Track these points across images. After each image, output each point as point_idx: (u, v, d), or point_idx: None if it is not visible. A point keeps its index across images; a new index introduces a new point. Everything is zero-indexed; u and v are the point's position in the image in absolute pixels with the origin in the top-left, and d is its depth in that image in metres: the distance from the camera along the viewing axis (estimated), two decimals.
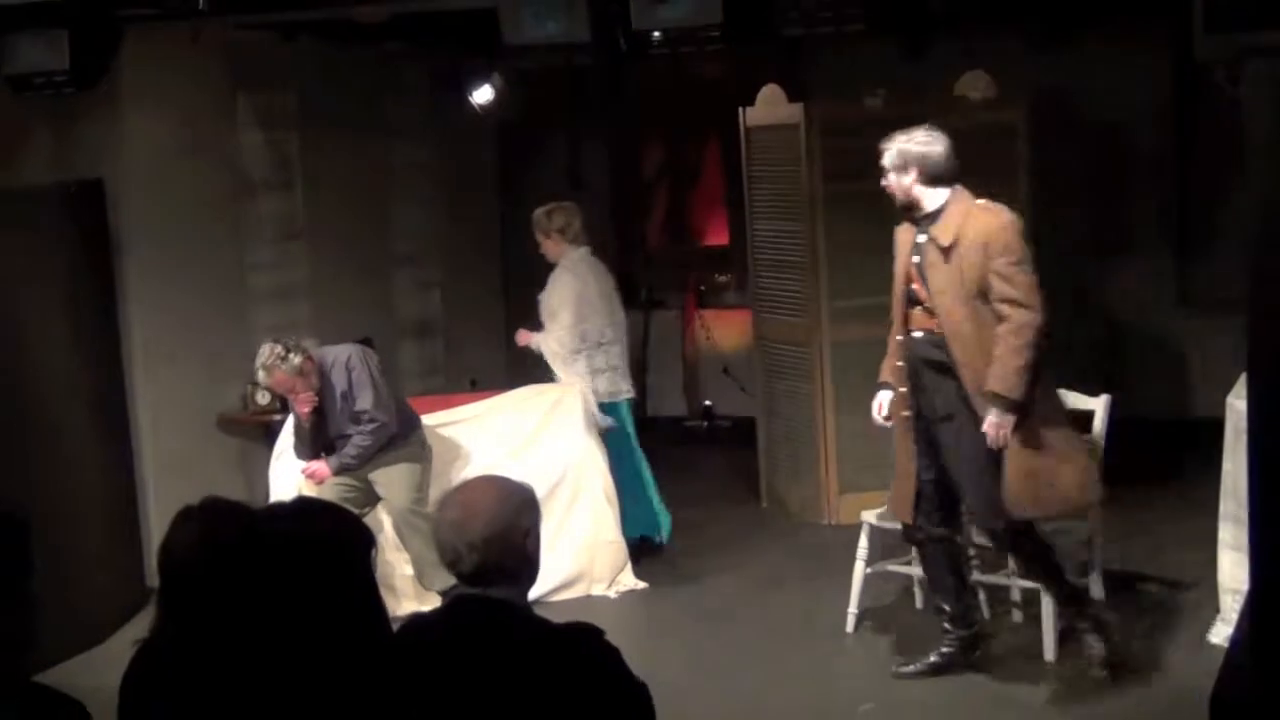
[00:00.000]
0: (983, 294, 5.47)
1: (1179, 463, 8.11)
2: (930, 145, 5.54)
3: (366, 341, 7.38)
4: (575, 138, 10.98)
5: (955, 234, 5.51)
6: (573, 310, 7.46)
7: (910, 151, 5.54)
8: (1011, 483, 5.49)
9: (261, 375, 6.60)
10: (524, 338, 7.73)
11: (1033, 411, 5.47)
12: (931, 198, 5.56)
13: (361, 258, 9.19)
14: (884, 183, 5.62)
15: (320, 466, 6.78)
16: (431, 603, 6.45)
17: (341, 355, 6.71)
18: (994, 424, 5.44)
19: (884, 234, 8.14)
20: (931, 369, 5.67)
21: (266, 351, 6.51)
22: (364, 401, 6.65)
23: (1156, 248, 9.54)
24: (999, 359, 5.42)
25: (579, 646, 3.06)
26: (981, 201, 5.58)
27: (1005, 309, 5.42)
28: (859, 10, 5.59)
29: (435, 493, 6.58)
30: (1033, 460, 5.49)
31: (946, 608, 5.91)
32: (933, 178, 5.53)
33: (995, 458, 5.50)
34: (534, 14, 5.99)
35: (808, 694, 5.94)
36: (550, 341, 7.52)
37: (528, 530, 3.15)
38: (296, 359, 6.49)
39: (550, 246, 7.61)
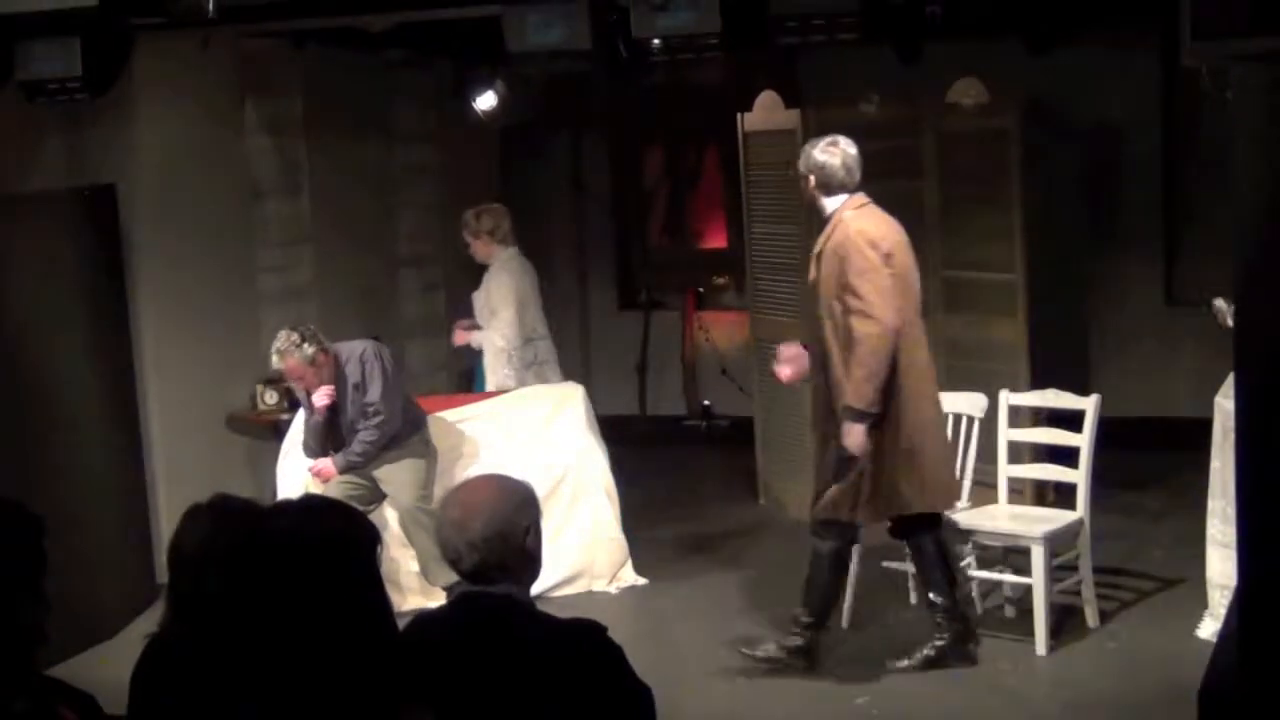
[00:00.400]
0: (843, 302, 5.64)
1: (1167, 461, 8.15)
2: (829, 155, 5.73)
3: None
4: (577, 142, 11.07)
5: (822, 243, 5.73)
6: (514, 306, 7.66)
7: (812, 159, 5.76)
8: (886, 484, 5.71)
9: (275, 359, 6.68)
10: (461, 337, 7.89)
11: (889, 419, 5.65)
12: (827, 205, 5.77)
13: (367, 260, 9.27)
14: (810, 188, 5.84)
15: (326, 465, 6.89)
16: (437, 598, 6.54)
17: (358, 349, 6.85)
18: (844, 431, 5.62)
19: None
20: (821, 371, 5.86)
21: (283, 337, 6.62)
22: (373, 393, 6.76)
23: (1145, 248, 9.62)
24: (850, 369, 5.59)
25: (582, 643, 3.11)
26: (850, 212, 5.72)
27: (851, 320, 5.58)
28: (853, 20, 5.67)
29: (439, 491, 6.68)
30: (895, 463, 5.70)
31: (939, 601, 6.03)
32: (826, 186, 5.73)
33: (840, 464, 5.71)
34: (536, 23, 6.07)
35: (804, 688, 6.00)
36: (495, 338, 7.71)
37: (528, 528, 3.19)
38: (310, 349, 6.59)
39: (480, 248, 7.82)
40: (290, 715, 2.31)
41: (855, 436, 5.61)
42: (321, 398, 6.76)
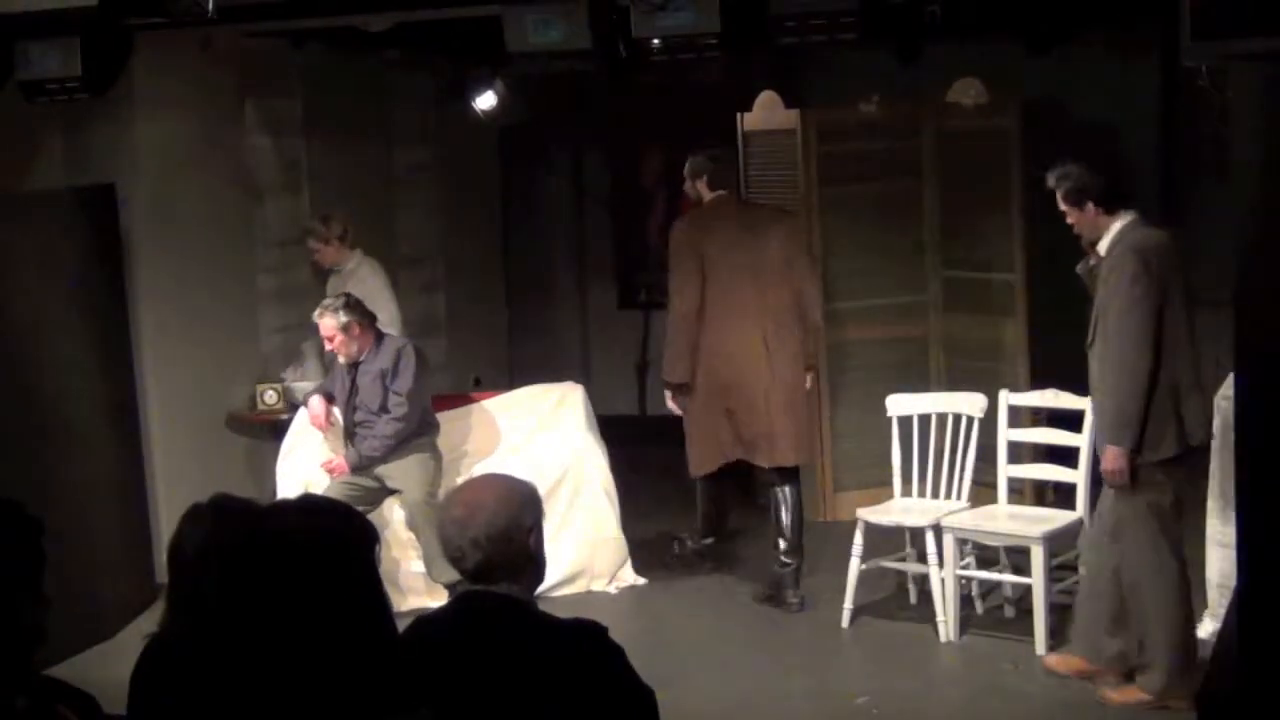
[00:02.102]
0: None
1: None
2: (718, 164, 7.16)
3: None
4: (577, 141, 11.07)
5: None
6: (394, 299, 7.78)
7: (704, 165, 7.06)
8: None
9: (316, 313, 6.96)
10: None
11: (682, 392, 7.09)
12: (705, 197, 7.07)
13: None
14: (685, 188, 7.18)
15: (340, 461, 6.95)
16: (440, 597, 6.55)
17: (399, 342, 7.04)
18: None
19: (879, 236, 8.31)
20: None
21: (333, 299, 6.95)
22: (401, 385, 6.88)
23: None
24: None
25: (582, 643, 3.12)
26: (696, 211, 7.10)
27: None
28: (853, 20, 5.67)
29: (442, 493, 6.69)
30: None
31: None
32: (713, 183, 7.03)
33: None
34: (536, 23, 6.07)
35: (804, 688, 6.02)
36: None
37: (530, 528, 3.19)
38: (345, 317, 6.83)
39: (329, 253, 7.92)
40: (290, 716, 2.31)
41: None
42: (315, 407, 7.10)
